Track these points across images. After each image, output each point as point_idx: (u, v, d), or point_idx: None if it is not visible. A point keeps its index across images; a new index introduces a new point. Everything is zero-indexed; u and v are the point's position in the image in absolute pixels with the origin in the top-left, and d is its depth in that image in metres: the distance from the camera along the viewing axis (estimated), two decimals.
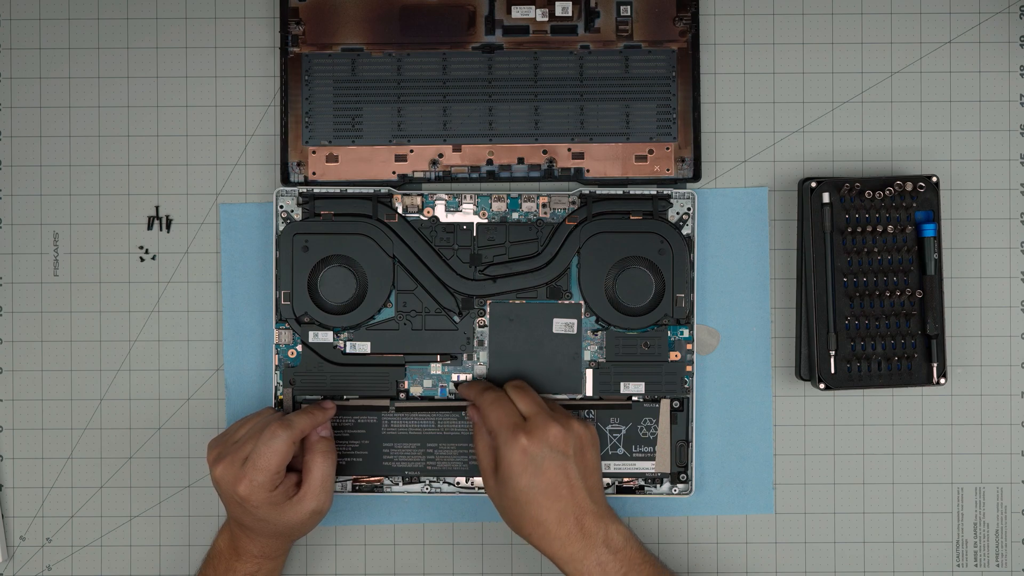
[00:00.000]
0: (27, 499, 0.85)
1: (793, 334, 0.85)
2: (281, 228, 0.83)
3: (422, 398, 0.84)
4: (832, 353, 0.82)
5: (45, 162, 0.85)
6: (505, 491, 0.76)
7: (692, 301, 0.83)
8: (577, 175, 0.84)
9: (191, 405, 0.85)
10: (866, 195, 0.82)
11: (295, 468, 0.79)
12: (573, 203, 0.83)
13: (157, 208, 0.85)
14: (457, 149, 0.84)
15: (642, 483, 0.84)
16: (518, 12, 0.84)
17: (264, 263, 0.84)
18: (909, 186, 0.82)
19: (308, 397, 0.83)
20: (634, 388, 0.83)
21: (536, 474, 0.75)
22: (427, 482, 0.84)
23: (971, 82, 0.85)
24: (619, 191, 0.83)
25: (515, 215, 0.84)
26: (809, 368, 0.83)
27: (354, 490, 0.84)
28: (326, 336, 0.83)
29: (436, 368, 0.84)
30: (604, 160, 0.84)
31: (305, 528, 0.79)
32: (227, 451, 0.77)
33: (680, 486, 0.84)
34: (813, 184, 0.82)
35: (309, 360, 0.83)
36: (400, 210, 0.83)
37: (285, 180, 0.84)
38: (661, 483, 0.84)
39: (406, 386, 0.84)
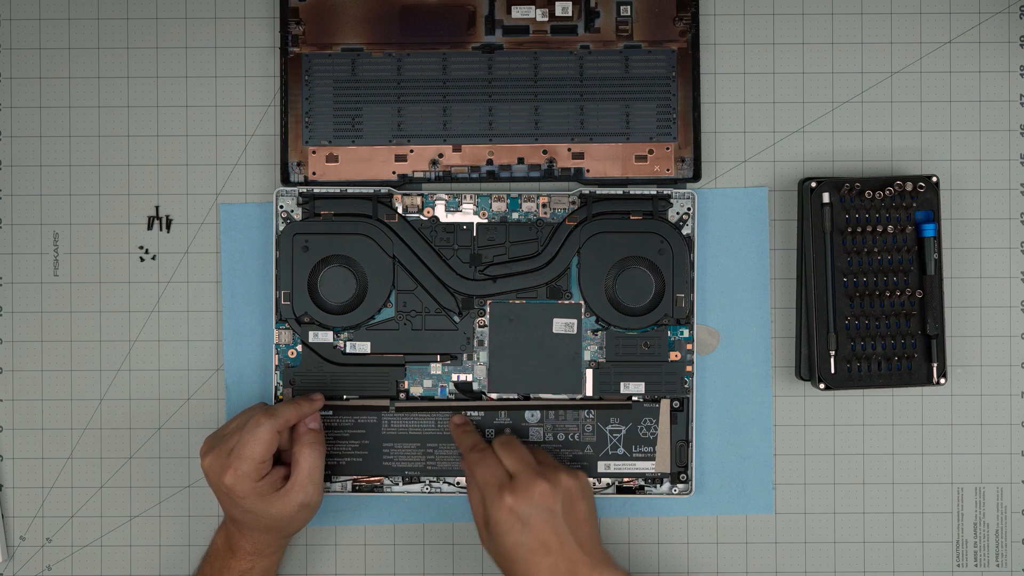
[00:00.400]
0: (27, 499, 0.85)
1: (793, 334, 0.85)
2: (281, 228, 0.83)
3: (422, 398, 0.84)
4: (832, 353, 0.82)
5: (45, 162, 0.85)
6: (496, 547, 0.76)
7: (692, 301, 0.83)
8: (577, 175, 0.84)
9: (191, 405, 0.85)
10: (866, 195, 0.82)
11: (285, 462, 0.79)
12: (573, 203, 0.83)
13: (157, 208, 0.85)
14: (457, 149, 0.84)
15: (642, 483, 0.84)
16: (518, 12, 0.84)
17: (264, 263, 0.84)
18: (909, 186, 0.82)
19: None
20: (634, 388, 0.83)
21: (524, 531, 0.74)
22: (427, 482, 0.84)
23: (971, 82, 0.85)
24: (619, 191, 0.83)
25: (515, 215, 0.84)
26: (809, 368, 0.83)
27: (354, 490, 0.84)
28: (326, 336, 0.83)
29: (436, 368, 0.84)
30: (604, 160, 0.84)
31: (295, 523, 0.79)
32: (216, 443, 0.77)
33: (680, 486, 0.84)
34: (813, 184, 0.82)
35: (309, 360, 0.83)
36: (400, 210, 0.83)
37: (285, 180, 0.84)
38: (661, 483, 0.84)
39: (406, 386, 0.84)
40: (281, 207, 0.83)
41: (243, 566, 0.80)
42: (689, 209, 0.83)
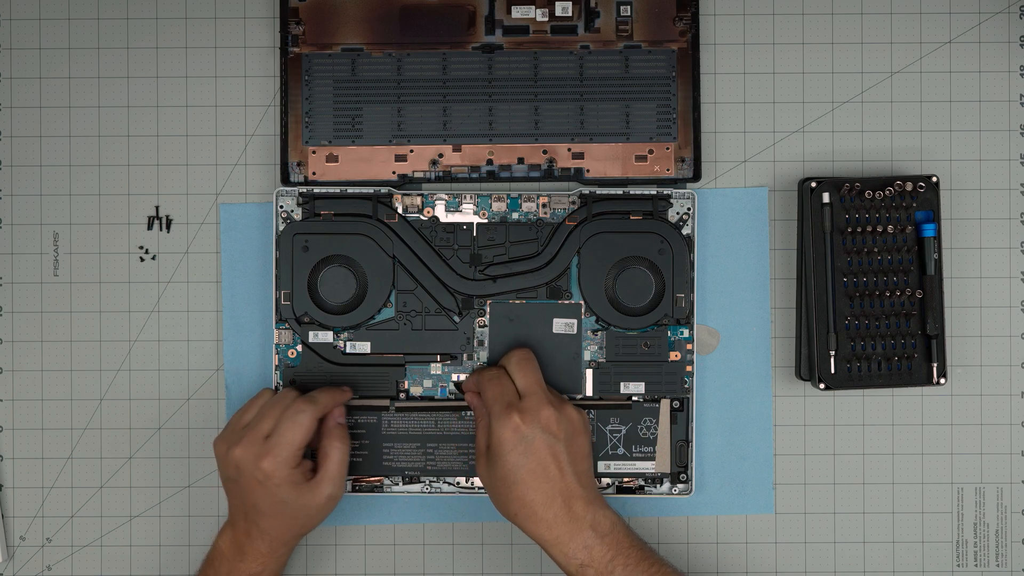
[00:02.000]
0: (27, 499, 0.85)
1: (793, 334, 0.85)
2: (281, 228, 0.83)
3: (422, 398, 0.84)
4: (832, 353, 0.82)
5: (45, 162, 0.85)
6: (495, 470, 0.76)
7: (692, 301, 0.83)
8: (577, 175, 0.84)
9: (191, 405, 0.85)
10: (866, 195, 0.82)
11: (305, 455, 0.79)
12: (573, 203, 0.83)
13: (157, 208, 0.85)
14: (457, 149, 0.84)
15: (642, 483, 0.84)
16: (518, 12, 0.84)
17: (264, 263, 0.84)
18: (909, 186, 0.82)
19: None
20: (634, 388, 0.83)
21: (526, 453, 0.75)
22: (427, 482, 0.84)
23: (971, 82, 0.85)
24: (619, 191, 0.83)
25: (515, 215, 0.84)
26: (809, 368, 0.83)
27: (354, 490, 0.84)
28: (326, 336, 0.83)
29: (436, 368, 0.84)
30: (604, 160, 0.84)
31: (319, 516, 0.79)
32: (241, 435, 0.77)
33: (680, 486, 0.84)
34: (813, 184, 0.82)
35: (309, 360, 0.83)
36: (400, 210, 0.83)
37: (285, 180, 0.84)
38: (661, 483, 0.84)
39: (406, 386, 0.84)
40: (281, 207, 0.83)
41: (253, 568, 0.79)
42: (689, 209, 0.83)
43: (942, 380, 0.83)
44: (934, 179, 0.82)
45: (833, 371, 0.82)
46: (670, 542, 0.85)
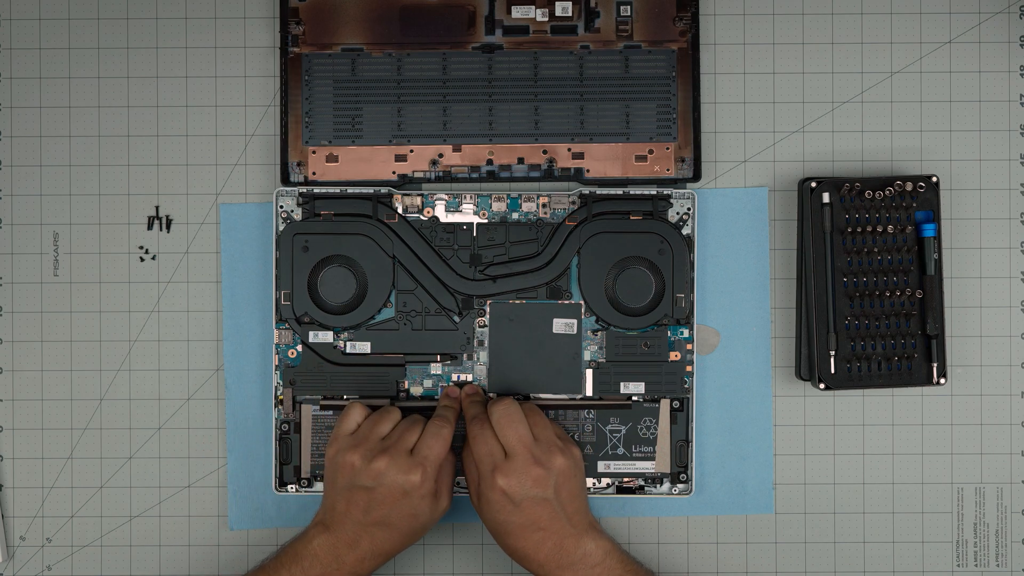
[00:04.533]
0: (27, 499, 0.85)
1: (793, 334, 0.85)
2: (281, 228, 0.83)
3: (422, 398, 0.84)
4: (832, 353, 0.82)
5: (45, 162, 0.85)
6: (485, 518, 0.78)
7: (692, 301, 0.83)
8: (577, 175, 0.84)
9: (191, 405, 0.85)
10: (866, 195, 0.82)
11: None
12: (573, 203, 0.83)
13: (157, 208, 0.85)
14: (457, 149, 0.84)
15: (642, 483, 0.84)
16: (518, 12, 0.84)
17: (264, 263, 0.84)
18: (909, 186, 0.82)
19: (309, 397, 0.83)
20: (634, 388, 0.83)
21: (514, 512, 0.76)
22: None
23: (971, 82, 0.85)
24: (619, 191, 0.83)
25: (515, 215, 0.84)
26: (809, 368, 0.83)
27: None
28: (326, 336, 0.83)
29: (436, 368, 0.84)
30: (604, 160, 0.84)
31: (427, 528, 0.79)
32: (382, 447, 0.77)
33: (680, 486, 0.84)
34: (813, 184, 0.82)
35: (309, 360, 0.83)
36: (400, 210, 0.83)
37: (285, 180, 0.84)
38: (661, 483, 0.84)
39: (406, 386, 0.84)
40: (281, 207, 0.83)
41: None
42: (689, 209, 0.83)
43: (942, 380, 0.83)
44: (934, 179, 0.82)
45: (833, 371, 0.82)
46: (670, 542, 0.85)
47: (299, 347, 0.83)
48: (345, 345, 0.83)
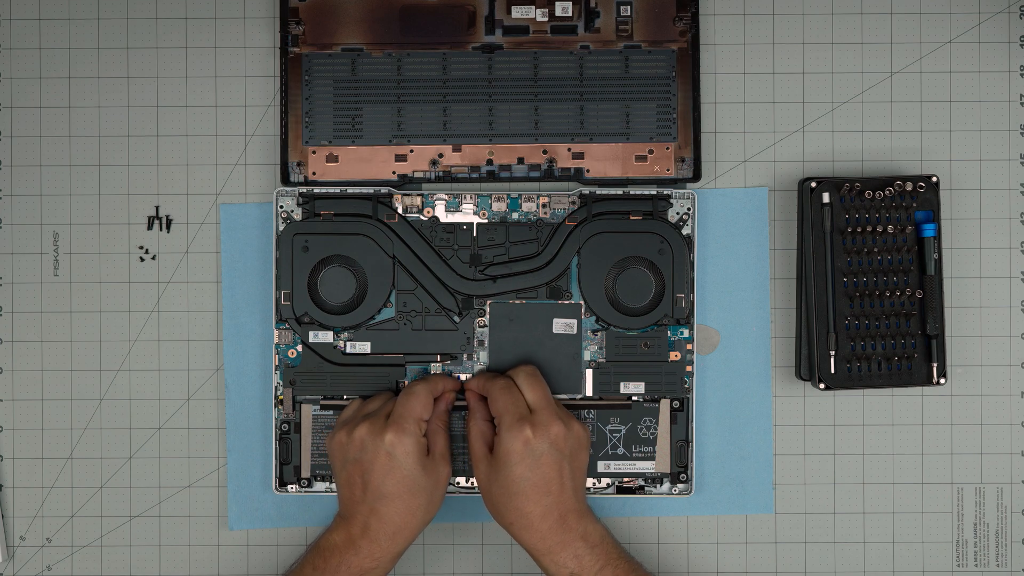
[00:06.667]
0: (27, 499, 0.85)
1: (793, 334, 0.85)
2: (281, 228, 0.83)
3: None
4: (832, 353, 0.82)
5: (45, 162, 0.85)
6: (497, 477, 0.77)
7: (692, 301, 0.83)
8: (577, 175, 0.84)
9: (191, 405, 0.85)
10: (866, 195, 0.82)
11: None
12: (573, 203, 0.83)
13: (157, 208, 0.85)
14: (457, 149, 0.84)
15: (642, 483, 0.84)
16: (518, 12, 0.84)
17: (264, 263, 0.84)
18: (909, 186, 0.82)
19: (309, 397, 0.83)
20: (634, 388, 0.83)
21: (532, 467, 0.76)
22: None
23: (971, 82, 0.85)
24: (619, 191, 0.83)
25: (515, 215, 0.84)
26: (809, 368, 0.83)
27: None
28: (326, 336, 0.83)
29: (436, 368, 0.84)
30: (604, 160, 0.84)
31: (437, 500, 0.79)
32: (362, 418, 0.78)
33: (680, 486, 0.84)
34: (813, 184, 0.82)
35: (309, 360, 0.83)
36: (400, 210, 0.83)
37: (285, 180, 0.84)
38: (661, 483, 0.84)
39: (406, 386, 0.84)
40: (281, 207, 0.83)
41: (366, 564, 0.77)
42: (689, 209, 0.83)
43: (942, 380, 0.83)
44: (934, 179, 0.82)
45: (833, 371, 0.82)
46: (670, 542, 0.85)
47: (299, 347, 0.83)
48: (345, 345, 0.83)
